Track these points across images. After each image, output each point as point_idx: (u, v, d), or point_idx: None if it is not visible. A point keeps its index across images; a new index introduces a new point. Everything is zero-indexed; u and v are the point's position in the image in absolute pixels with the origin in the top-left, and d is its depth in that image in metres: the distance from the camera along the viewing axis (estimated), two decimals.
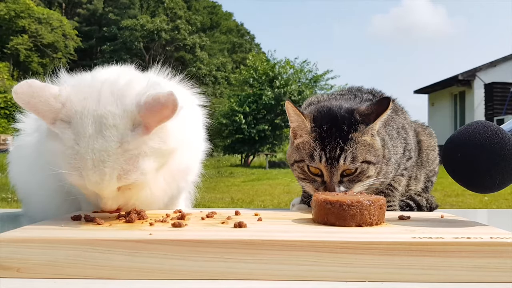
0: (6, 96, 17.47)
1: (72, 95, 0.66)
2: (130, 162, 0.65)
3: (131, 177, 0.66)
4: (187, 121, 0.78)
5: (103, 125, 0.64)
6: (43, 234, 0.54)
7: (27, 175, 0.88)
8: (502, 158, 0.58)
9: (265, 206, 4.98)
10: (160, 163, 0.70)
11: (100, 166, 0.63)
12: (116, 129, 0.64)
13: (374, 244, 0.51)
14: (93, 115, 0.64)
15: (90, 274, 0.51)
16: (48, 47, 25.14)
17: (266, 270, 0.51)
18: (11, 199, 4.40)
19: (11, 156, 0.92)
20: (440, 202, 5.26)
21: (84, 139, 0.63)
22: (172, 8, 29.88)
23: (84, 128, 0.64)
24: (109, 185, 0.65)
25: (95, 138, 0.63)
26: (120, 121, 0.65)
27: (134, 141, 0.65)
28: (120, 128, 0.64)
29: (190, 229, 0.58)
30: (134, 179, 0.66)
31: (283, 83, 16.55)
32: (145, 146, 0.66)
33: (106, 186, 0.65)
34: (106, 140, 0.63)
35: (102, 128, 0.64)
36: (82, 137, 0.63)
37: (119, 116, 0.65)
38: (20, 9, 23.74)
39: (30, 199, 0.91)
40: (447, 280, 0.50)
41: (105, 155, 0.63)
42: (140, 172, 0.67)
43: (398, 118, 0.98)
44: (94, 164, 0.63)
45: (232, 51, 34.72)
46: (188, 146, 0.82)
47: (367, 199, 0.63)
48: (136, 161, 0.66)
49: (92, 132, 0.64)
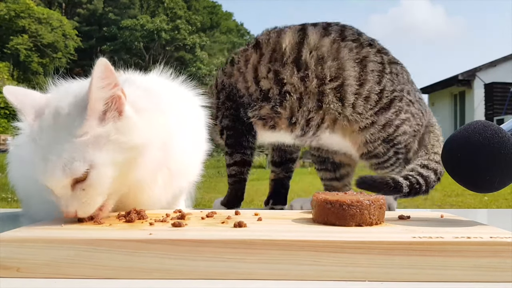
0: None
1: (52, 97, 0.69)
2: (76, 151, 0.62)
3: (78, 169, 0.62)
4: (174, 119, 0.77)
5: (58, 114, 0.64)
6: (43, 234, 0.54)
7: (27, 175, 0.88)
8: (502, 158, 0.58)
9: None
10: (119, 159, 0.65)
11: (48, 155, 0.62)
12: (67, 116, 0.64)
13: (374, 244, 0.51)
14: (55, 108, 0.65)
15: (90, 274, 0.51)
16: (48, 47, 25.13)
17: (266, 270, 0.51)
18: (11, 199, 4.40)
19: (10, 156, 0.92)
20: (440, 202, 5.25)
21: (43, 130, 0.64)
22: (172, 8, 29.87)
23: (45, 119, 0.65)
24: (55, 176, 0.62)
25: (50, 128, 0.64)
26: (72, 109, 0.64)
27: (82, 127, 0.62)
28: (70, 115, 0.64)
29: (190, 229, 0.58)
30: (81, 171, 0.62)
31: None
32: (97, 134, 0.63)
33: (50, 176, 0.62)
34: (56, 128, 0.63)
35: (57, 117, 0.64)
36: (42, 127, 0.64)
37: (72, 104, 0.64)
38: (20, 9, 23.73)
39: (30, 199, 0.91)
40: (447, 279, 0.50)
41: (53, 143, 0.62)
42: (89, 165, 0.62)
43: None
44: (44, 153, 0.62)
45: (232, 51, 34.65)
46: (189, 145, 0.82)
47: (367, 198, 0.63)
48: (85, 151, 0.62)
49: (49, 123, 0.64)
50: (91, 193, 0.64)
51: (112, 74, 0.64)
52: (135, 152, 0.66)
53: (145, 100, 0.71)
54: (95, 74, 0.62)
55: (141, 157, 0.68)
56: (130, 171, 0.68)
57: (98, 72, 0.62)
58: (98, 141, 0.63)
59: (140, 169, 0.69)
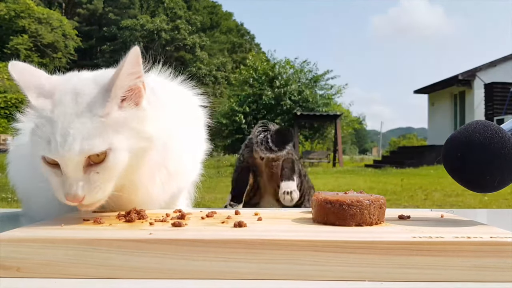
0: (6, 96, 17.47)
1: (59, 78, 0.70)
2: (97, 129, 0.62)
3: (96, 145, 0.62)
4: (179, 118, 0.78)
5: (78, 94, 0.64)
6: (43, 234, 0.54)
7: (27, 175, 0.88)
8: (502, 158, 0.58)
9: None
10: (135, 147, 0.66)
11: (67, 128, 0.61)
12: (89, 96, 0.64)
13: (374, 244, 0.51)
14: (72, 89, 0.65)
15: (90, 274, 0.51)
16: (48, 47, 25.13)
17: (266, 269, 0.51)
18: (11, 199, 4.40)
19: (10, 156, 0.92)
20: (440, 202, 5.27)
21: (59, 107, 0.63)
22: (172, 8, 29.86)
23: (61, 98, 0.64)
24: (72, 149, 0.61)
25: (69, 105, 0.63)
26: (93, 90, 0.65)
27: (104, 107, 0.63)
28: (92, 95, 0.64)
29: (190, 229, 0.58)
30: (100, 149, 0.62)
31: (283, 83, 16.56)
32: (117, 118, 0.64)
33: (67, 149, 0.60)
34: (77, 105, 0.63)
35: (77, 96, 0.64)
36: (58, 105, 0.63)
37: (93, 86, 0.65)
38: (20, 9, 23.73)
39: (30, 199, 0.91)
40: (447, 279, 0.50)
41: (73, 117, 0.62)
42: (108, 145, 0.63)
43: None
44: (62, 126, 0.62)
45: (232, 51, 34.71)
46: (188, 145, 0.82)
47: (367, 198, 0.63)
48: (105, 131, 0.63)
49: (68, 101, 0.64)
50: (106, 177, 0.64)
51: (140, 65, 0.65)
52: (149, 143, 0.67)
53: (152, 97, 0.72)
54: (128, 60, 0.63)
55: (151, 150, 0.69)
56: (138, 163, 0.68)
57: (132, 59, 0.63)
58: (118, 125, 0.64)
59: (141, 167, 0.70)
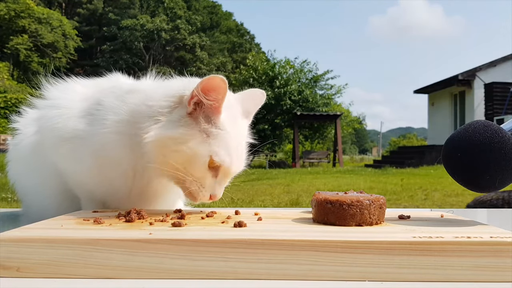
0: (6, 96, 17.47)
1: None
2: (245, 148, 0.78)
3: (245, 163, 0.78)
4: None
5: (237, 116, 0.77)
6: (43, 233, 0.54)
7: (27, 174, 0.88)
8: (502, 158, 0.58)
9: (265, 206, 4.98)
10: None
11: (241, 148, 0.75)
12: (241, 119, 0.78)
13: (374, 244, 0.51)
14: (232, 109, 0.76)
15: (90, 274, 0.51)
16: (48, 47, 25.14)
17: (266, 269, 0.51)
18: (11, 199, 4.40)
19: (10, 155, 0.92)
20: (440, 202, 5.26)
21: (234, 125, 0.74)
22: (172, 8, 29.86)
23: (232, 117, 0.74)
24: (241, 166, 0.76)
25: (236, 125, 0.75)
26: (241, 115, 0.78)
27: (245, 129, 0.79)
28: (242, 119, 0.79)
29: (190, 229, 0.58)
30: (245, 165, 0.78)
31: (283, 83, 16.56)
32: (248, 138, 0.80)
33: (240, 166, 0.76)
34: (240, 127, 0.77)
35: (236, 118, 0.76)
36: (232, 123, 0.74)
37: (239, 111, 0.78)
38: (20, 9, 23.74)
39: (30, 198, 0.91)
40: (447, 279, 0.50)
41: (241, 139, 0.76)
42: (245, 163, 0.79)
43: None
44: (238, 146, 0.74)
45: (232, 51, 34.72)
46: None
47: (367, 198, 0.63)
48: (246, 148, 0.79)
49: (234, 121, 0.75)
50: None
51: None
52: None
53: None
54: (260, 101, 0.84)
55: None
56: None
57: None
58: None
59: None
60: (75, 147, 0.74)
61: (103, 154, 0.72)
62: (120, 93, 0.75)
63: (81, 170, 0.76)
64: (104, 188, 0.77)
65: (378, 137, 42.43)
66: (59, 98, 0.79)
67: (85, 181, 0.78)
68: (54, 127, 0.75)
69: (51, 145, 0.77)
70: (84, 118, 0.75)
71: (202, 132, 0.70)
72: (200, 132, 0.70)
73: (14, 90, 19.58)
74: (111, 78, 0.85)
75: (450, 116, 15.90)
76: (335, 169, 13.04)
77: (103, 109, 0.74)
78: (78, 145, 0.74)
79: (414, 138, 35.23)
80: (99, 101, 0.75)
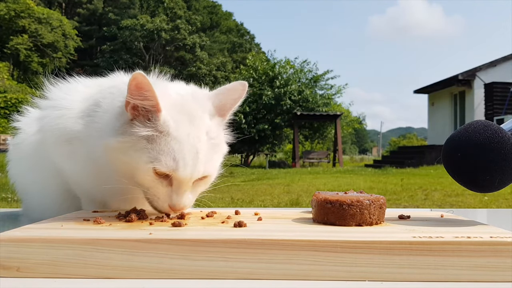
0: (6, 96, 17.46)
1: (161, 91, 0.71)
2: (211, 151, 0.70)
3: (211, 167, 0.71)
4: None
5: (192, 116, 0.69)
6: (43, 233, 0.54)
7: (27, 174, 0.88)
8: (502, 158, 0.58)
9: (265, 206, 4.98)
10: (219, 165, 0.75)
11: (194, 151, 0.67)
12: (201, 119, 0.70)
13: (374, 244, 0.51)
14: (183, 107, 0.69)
15: (90, 274, 0.51)
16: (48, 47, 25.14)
17: (266, 269, 0.51)
18: (11, 199, 4.40)
19: (10, 155, 0.92)
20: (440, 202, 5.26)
21: (183, 126, 0.67)
22: (172, 8, 29.85)
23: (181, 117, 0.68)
24: (198, 171, 0.68)
25: (189, 126, 0.68)
26: (202, 114, 0.70)
27: (214, 129, 0.71)
28: (203, 118, 0.70)
29: (190, 229, 0.58)
30: (212, 170, 0.71)
31: (283, 83, 16.55)
32: (218, 138, 0.73)
33: (196, 171, 0.67)
34: (196, 127, 0.68)
35: (191, 118, 0.69)
36: (181, 124, 0.67)
37: (200, 110, 0.71)
38: (20, 9, 23.73)
39: (30, 198, 0.91)
40: (447, 279, 0.50)
41: (197, 140, 0.68)
42: (214, 165, 0.72)
43: None
44: (190, 149, 0.66)
45: (232, 51, 34.72)
46: None
47: (367, 198, 0.63)
48: (214, 152, 0.72)
49: (185, 121, 0.68)
50: (203, 188, 0.73)
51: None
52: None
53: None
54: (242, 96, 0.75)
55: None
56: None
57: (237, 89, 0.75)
58: (218, 144, 0.74)
59: None
60: (74, 148, 0.74)
61: (99, 157, 0.71)
62: (117, 95, 0.73)
63: (80, 171, 0.76)
64: (103, 189, 0.77)
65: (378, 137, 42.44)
66: (61, 99, 0.79)
67: (84, 181, 0.78)
68: (55, 128, 0.75)
69: (52, 145, 0.77)
70: (83, 119, 0.74)
71: (142, 138, 0.65)
72: (139, 139, 0.65)
73: (14, 90, 19.58)
74: (113, 78, 0.83)
75: (450, 116, 15.90)
76: (335, 169, 13.04)
77: (100, 111, 0.72)
78: (77, 146, 0.74)
79: (414, 138, 35.24)
80: (97, 102, 0.74)
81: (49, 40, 24.44)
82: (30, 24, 23.90)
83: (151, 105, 0.65)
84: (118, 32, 27.28)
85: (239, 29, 37.87)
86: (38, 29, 24.08)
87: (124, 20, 27.77)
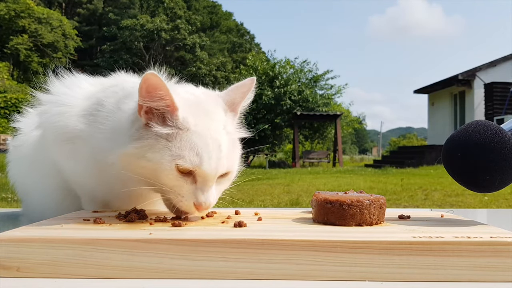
0: (6, 96, 17.46)
1: (180, 90, 0.72)
2: (231, 146, 0.69)
3: (233, 163, 0.70)
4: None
5: (208, 111, 0.68)
6: (43, 233, 0.54)
7: (27, 174, 0.88)
8: (502, 158, 0.58)
9: (265, 206, 4.98)
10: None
11: (217, 144, 0.66)
12: (217, 114, 0.69)
13: (374, 244, 0.51)
14: (200, 104, 0.69)
15: (90, 274, 0.51)
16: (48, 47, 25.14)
17: (266, 269, 0.51)
18: (11, 199, 4.40)
19: (10, 155, 0.92)
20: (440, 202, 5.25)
21: (202, 121, 0.66)
22: (172, 8, 29.85)
23: (198, 113, 0.67)
24: (223, 165, 0.66)
25: (208, 120, 0.67)
26: (216, 109, 0.70)
27: (230, 124, 0.71)
28: (219, 113, 0.70)
29: (190, 229, 0.58)
30: (234, 166, 0.70)
31: (283, 83, 16.55)
32: (235, 135, 0.72)
33: (221, 165, 0.66)
34: (215, 121, 0.68)
35: (208, 113, 0.68)
36: (200, 119, 0.66)
37: (214, 105, 0.70)
38: (20, 9, 23.73)
39: (30, 198, 0.91)
40: (447, 279, 0.50)
41: (218, 134, 0.67)
42: (235, 161, 0.71)
43: None
44: (212, 143, 0.65)
45: (232, 51, 34.72)
46: None
47: (367, 198, 0.63)
48: (234, 147, 0.70)
49: (204, 116, 0.67)
50: (226, 185, 0.72)
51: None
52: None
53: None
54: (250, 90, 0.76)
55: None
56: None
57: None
58: (235, 140, 0.73)
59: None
60: (75, 147, 0.73)
61: (101, 157, 0.70)
62: (120, 96, 0.72)
63: (81, 170, 0.75)
64: (104, 189, 0.77)
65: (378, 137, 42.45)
66: (63, 94, 0.77)
67: (85, 181, 0.77)
68: (55, 125, 0.74)
69: (52, 143, 0.76)
70: (85, 117, 0.73)
71: (161, 138, 0.64)
72: (157, 139, 0.64)
73: (14, 90, 19.57)
74: (116, 78, 0.82)
75: (450, 116, 15.90)
76: (335, 169, 13.04)
77: (103, 110, 0.71)
78: (79, 145, 0.73)
79: (414, 138, 35.23)
80: (100, 101, 0.72)
81: (49, 40, 24.45)
82: (30, 24, 23.91)
83: (166, 105, 0.64)
84: (118, 32, 27.26)
85: (239, 29, 37.87)
86: (38, 29, 24.08)
87: (124, 20, 27.76)
